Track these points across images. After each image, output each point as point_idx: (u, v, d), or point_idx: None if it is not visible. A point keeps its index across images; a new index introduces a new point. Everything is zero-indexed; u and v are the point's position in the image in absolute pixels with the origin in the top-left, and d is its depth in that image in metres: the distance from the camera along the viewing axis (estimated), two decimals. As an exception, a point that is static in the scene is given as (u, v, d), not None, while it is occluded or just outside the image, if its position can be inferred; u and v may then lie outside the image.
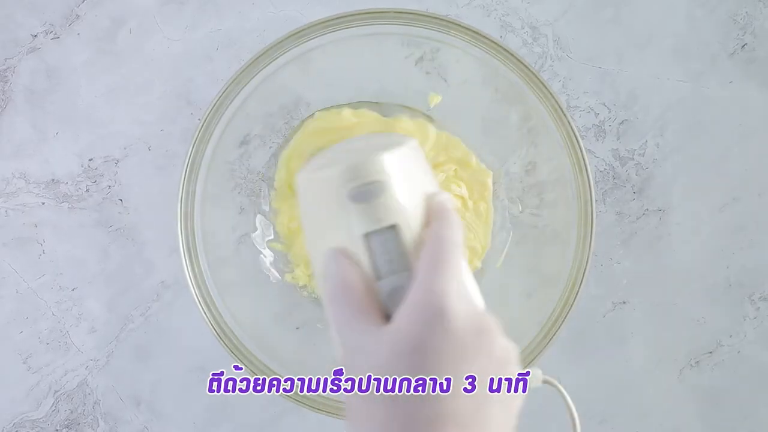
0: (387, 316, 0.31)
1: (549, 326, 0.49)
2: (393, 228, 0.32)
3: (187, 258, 0.49)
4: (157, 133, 0.58)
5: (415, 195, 0.35)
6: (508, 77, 0.49)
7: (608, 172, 0.59)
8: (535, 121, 0.51)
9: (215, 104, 0.48)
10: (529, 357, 0.49)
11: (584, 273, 0.49)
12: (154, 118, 0.58)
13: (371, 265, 0.32)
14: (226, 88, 0.48)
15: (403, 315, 0.29)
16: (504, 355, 0.30)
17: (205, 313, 0.49)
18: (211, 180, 0.50)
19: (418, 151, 0.40)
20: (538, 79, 0.49)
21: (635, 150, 0.59)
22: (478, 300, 0.33)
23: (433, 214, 0.34)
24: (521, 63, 0.48)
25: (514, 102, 0.51)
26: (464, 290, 0.31)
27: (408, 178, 0.35)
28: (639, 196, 0.59)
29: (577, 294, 0.49)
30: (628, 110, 0.59)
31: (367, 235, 0.33)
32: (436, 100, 0.54)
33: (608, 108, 0.59)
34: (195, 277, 0.49)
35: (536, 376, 0.40)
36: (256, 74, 0.48)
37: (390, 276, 0.32)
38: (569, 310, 0.49)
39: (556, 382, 0.40)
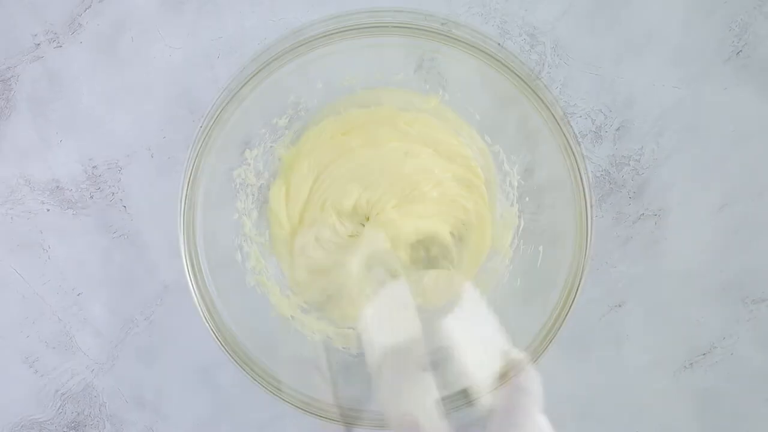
0: None
1: (548, 328, 0.49)
2: (464, 392, 0.33)
3: (188, 263, 0.50)
4: (159, 140, 0.58)
5: (481, 351, 0.35)
6: (506, 84, 0.49)
7: (605, 177, 0.59)
8: (533, 127, 0.51)
9: (216, 113, 0.49)
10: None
11: (582, 276, 0.49)
12: (156, 125, 0.58)
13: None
14: (227, 99, 0.48)
15: None
16: None
17: (205, 317, 0.49)
18: (213, 186, 0.51)
19: (473, 294, 0.40)
20: (534, 88, 0.49)
21: (632, 154, 0.59)
22: None
23: (508, 372, 0.34)
24: (516, 75, 0.49)
25: (511, 108, 0.51)
26: None
27: (471, 336, 0.35)
28: (636, 200, 0.59)
29: (575, 297, 0.49)
30: (625, 115, 0.59)
31: (439, 401, 0.34)
32: (434, 105, 0.55)
33: (605, 113, 0.59)
34: (196, 281, 0.50)
35: None
36: (257, 85, 0.49)
37: None
38: (567, 312, 0.49)
39: None
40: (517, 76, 0.48)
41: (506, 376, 0.33)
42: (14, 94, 0.59)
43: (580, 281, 0.49)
